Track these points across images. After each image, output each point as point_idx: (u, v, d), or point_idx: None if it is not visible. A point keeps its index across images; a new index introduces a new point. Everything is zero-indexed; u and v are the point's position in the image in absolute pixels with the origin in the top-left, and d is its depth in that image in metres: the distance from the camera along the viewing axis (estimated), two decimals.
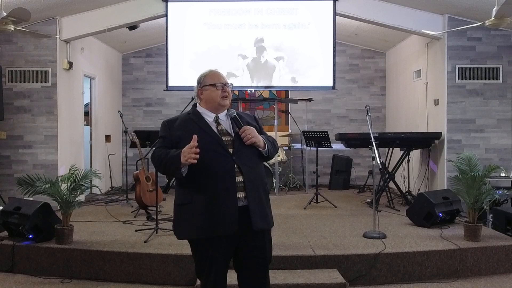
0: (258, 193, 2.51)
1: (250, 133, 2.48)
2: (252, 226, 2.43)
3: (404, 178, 7.04)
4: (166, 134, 2.57)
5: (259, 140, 2.52)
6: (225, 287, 2.57)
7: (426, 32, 6.11)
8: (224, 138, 2.51)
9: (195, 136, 2.36)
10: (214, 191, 2.42)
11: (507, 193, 5.52)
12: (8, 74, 6.35)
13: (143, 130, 7.26)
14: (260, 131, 2.66)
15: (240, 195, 2.45)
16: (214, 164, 2.44)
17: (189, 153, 2.33)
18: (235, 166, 2.45)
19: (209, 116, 2.58)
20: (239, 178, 2.45)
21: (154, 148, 2.66)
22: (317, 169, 6.67)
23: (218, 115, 2.59)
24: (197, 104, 2.65)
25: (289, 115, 8.84)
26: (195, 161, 2.33)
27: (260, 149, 2.55)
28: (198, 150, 2.34)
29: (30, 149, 6.38)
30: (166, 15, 6.78)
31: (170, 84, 7.07)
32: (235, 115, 2.55)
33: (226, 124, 2.58)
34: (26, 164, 6.37)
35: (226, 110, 2.63)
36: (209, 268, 2.48)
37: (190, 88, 7.01)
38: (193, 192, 2.46)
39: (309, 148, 7.31)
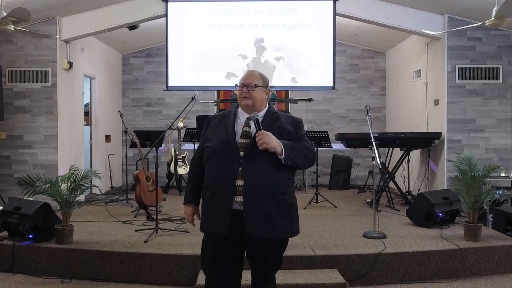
0: (261, 200, 2.41)
1: (262, 138, 2.40)
2: (246, 231, 2.40)
3: (404, 178, 7.04)
4: (203, 133, 2.71)
5: (274, 146, 2.40)
6: (226, 285, 2.57)
7: (426, 32, 6.12)
8: (241, 141, 2.49)
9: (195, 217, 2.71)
10: (215, 191, 2.48)
11: (507, 193, 5.51)
12: (8, 74, 6.36)
13: (143, 130, 7.26)
14: (296, 137, 2.57)
15: (238, 199, 2.42)
16: (219, 164, 2.47)
17: (187, 217, 2.72)
18: (240, 169, 2.42)
19: (243, 117, 2.59)
20: (240, 182, 2.42)
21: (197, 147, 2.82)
22: (317, 169, 6.66)
23: (251, 116, 2.54)
24: None
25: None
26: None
27: (278, 156, 2.44)
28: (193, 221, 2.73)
29: (30, 149, 6.38)
30: (166, 15, 6.78)
31: (170, 84, 7.07)
32: (256, 119, 2.48)
33: (254, 127, 2.52)
34: (26, 164, 6.37)
35: (263, 112, 2.58)
36: (208, 264, 2.56)
37: (190, 88, 7.14)
38: (206, 188, 2.56)
39: None
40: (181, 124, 7.32)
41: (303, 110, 8.52)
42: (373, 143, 4.68)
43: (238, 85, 2.61)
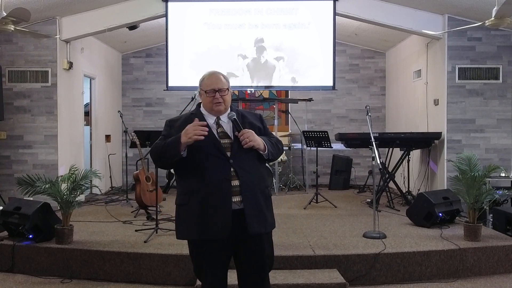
0: (256, 196, 2.47)
1: (249, 137, 2.42)
2: (248, 230, 2.41)
3: (404, 178, 7.04)
4: (166, 133, 2.58)
5: (259, 143, 2.47)
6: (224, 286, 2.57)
7: (426, 32, 6.11)
8: (222, 141, 2.49)
9: (196, 119, 2.40)
10: (208, 195, 2.42)
11: (507, 193, 5.52)
12: (8, 74, 6.35)
13: (143, 130, 7.25)
14: (265, 132, 2.64)
15: (236, 199, 2.42)
16: (210, 167, 2.43)
17: (195, 129, 2.34)
18: (232, 170, 2.43)
19: (210, 118, 2.56)
20: (235, 182, 2.42)
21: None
22: (317, 169, 6.66)
23: (220, 117, 2.55)
24: (201, 105, 2.63)
25: (289, 115, 8.84)
26: (202, 137, 2.34)
27: (261, 152, 2.50)
28: (205, 124, 2.37)
29: (30, 149, 6.38)
30: (166, 15, 6.78)
31: (170, 84, 7.07)
32: (234, 118, 2.49)
33: (227, 126, 2.54)
34: (26, 164, 6.37)
35: (227, 112, 2.56)
36: (205, 270, 2.52)
37: (190, 88, 7.14)
38: (190, 193, 2.47)
39: (309, 148, 7.31)
40: None
41: (303, 110, 8.52)
42: (373, 143, 4.68)
43: (207, 90, 2.52)
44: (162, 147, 2.46)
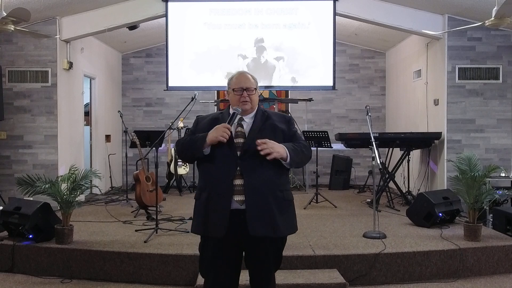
0: (263, 198, 2.43)
1: (271, 147, 2.38)
2: (249, 231, 2.41)
3: (404, 178, 7.04)
4: (193, 129, 2.67)
5: (281, 154, 2.41)
6: (227, 286, 2.57)
7: (426, 32, 6.12)
8: (237, 140, 2.50)
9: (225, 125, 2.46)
10: (211, 192, 2.47)
11: (507, 193, 5.52)
12: (8, 74, 6.35)
13: (143, 130, 7.25)
14: (289, 135, 2.58)
15: (239, 198, 2.43)
16: (217, 165, 2.47)
17: (223, 131, 2.41)
18: (238, 169, 2.43)
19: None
20: (239, 181, 2.43)
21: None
22: (317, 169, 6.66)
23: (243, 116, 2.57)
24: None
25: (289, 115, 8.83)
26: (224, 139, 2.40)
27: (282, 162, 2.45)
28: (229, 127, 2.43)
29: (30, 149, 6.38)
30: (166, 15, 6.78)
31: (170, 84, 7.08)
32: (234, 112, 2.51)
33: (247, 126, 2.55)
34: (26, 164, 6.37)
35: (254, 112, 2.59)
36: (209, 266, 2.55)
37: (190, 88, 7.15)
38: (201, 189, 2.55)
39: None
40: (181, 124, 7.32)
41: (303, 110, 8.52)
42: (373, 143, 4.68)
43: (235, 88, 2.57)
44: (187, 142, 2.56)
